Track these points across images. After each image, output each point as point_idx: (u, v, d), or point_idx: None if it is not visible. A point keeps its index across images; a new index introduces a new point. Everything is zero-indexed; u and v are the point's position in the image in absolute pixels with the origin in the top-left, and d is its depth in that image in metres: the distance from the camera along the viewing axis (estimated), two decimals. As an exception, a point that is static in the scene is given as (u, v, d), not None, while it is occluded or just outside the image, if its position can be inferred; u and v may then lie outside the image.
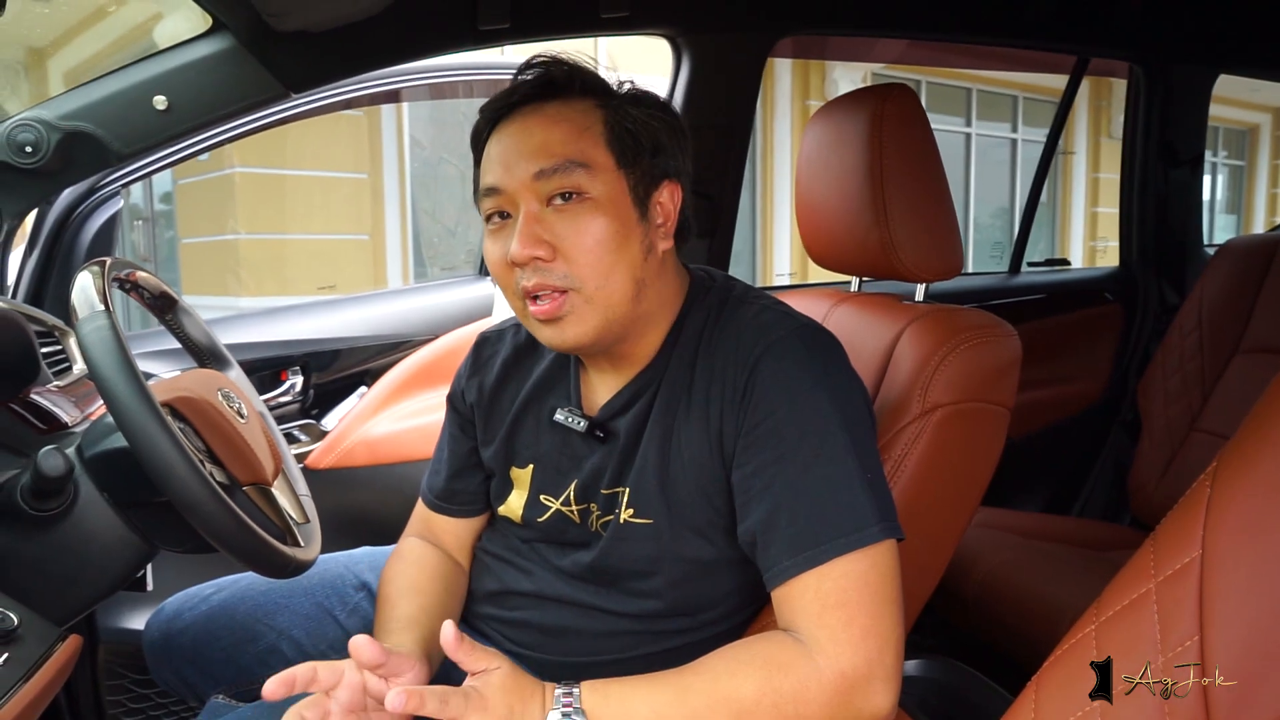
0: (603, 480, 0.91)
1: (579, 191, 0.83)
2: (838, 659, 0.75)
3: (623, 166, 0.86)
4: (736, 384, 0.84)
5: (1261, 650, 0.57)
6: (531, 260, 0.83)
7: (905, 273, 1.11)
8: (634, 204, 0.86)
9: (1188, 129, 2.10)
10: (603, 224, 0.83)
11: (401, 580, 0.98)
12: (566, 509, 0.94)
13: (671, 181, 0.90)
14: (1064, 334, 2.07)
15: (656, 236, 0.89)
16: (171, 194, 6.69)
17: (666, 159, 0.89)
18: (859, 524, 0.77)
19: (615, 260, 0.84)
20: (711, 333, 0.89)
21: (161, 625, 1.11)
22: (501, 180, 0.85)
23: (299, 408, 1.73)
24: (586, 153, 0.84)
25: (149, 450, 0.78)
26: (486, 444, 1.02)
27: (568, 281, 0.83)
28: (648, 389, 0.91)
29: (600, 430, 0.92)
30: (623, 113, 0.87)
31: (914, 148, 1.10)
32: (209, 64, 1.15)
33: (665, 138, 0.89)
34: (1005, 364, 1.02)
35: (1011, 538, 1.63)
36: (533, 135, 0.84)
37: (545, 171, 0.83)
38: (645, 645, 0.90)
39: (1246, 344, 1.73)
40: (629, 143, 0.86)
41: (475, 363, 1.05)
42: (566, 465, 0.95)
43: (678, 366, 0.89)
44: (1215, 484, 0.63)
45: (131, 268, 1.01)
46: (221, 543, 0.82)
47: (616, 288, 0.84)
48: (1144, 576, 0.64)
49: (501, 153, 0.86)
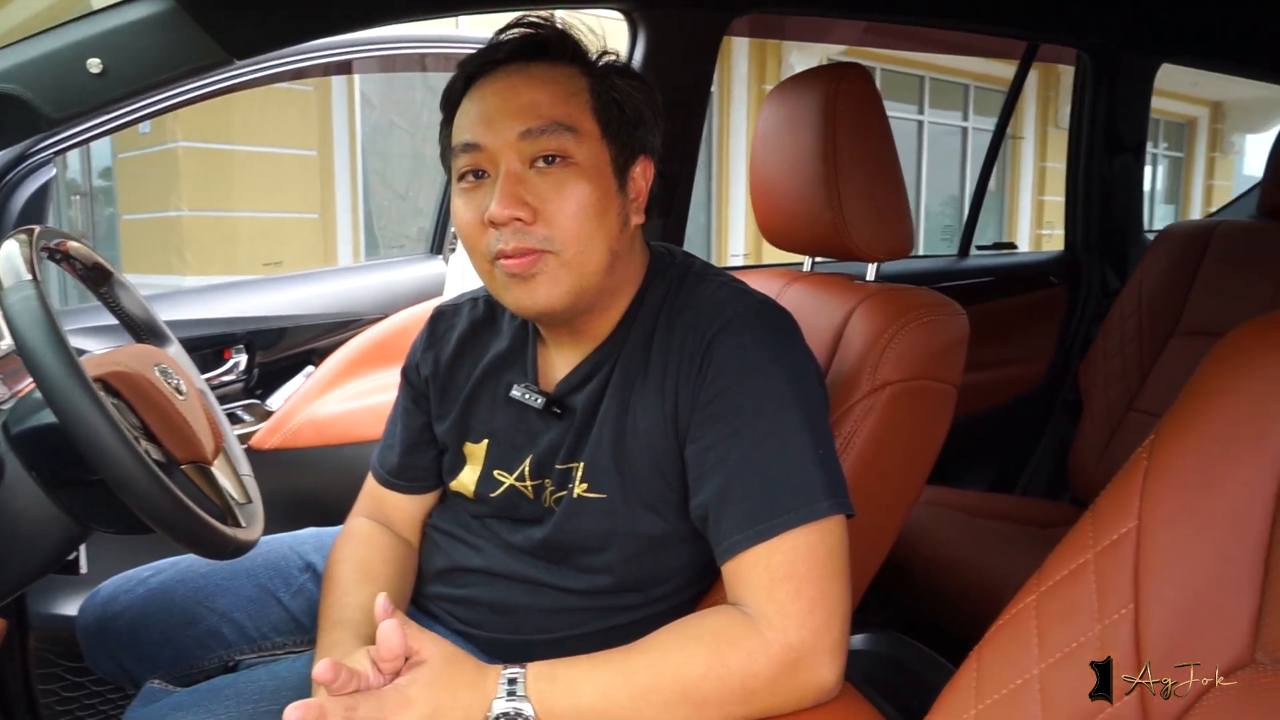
0: (558, 455, 0.91)
1: (564, 155, 0.82)
2: (784, 631, 0.75)
3: (607, 135, 0.85)
4: (693, 359, 0.84)
5: (1193, 617, 0.58)
6: (511, 221, 0.81)
7: (856, 252, 1.11)
8: (614, 174, 0.86)
9: (1131, 117, 2.15)
10: (586, 190, 0.82)
11: (353, 562, 0.96)
12: (520, 484, 0.93)
13: (646, 157, 0.90)
14: (1010, 316, 2.11)
15: (631, 210, 0.88)
16: (111, 169, 6.48)
17: (645, 134, 0.89)
18: (809, 498, 0.78)
19: (595, 227, 0.83)
20: (670, 309, 0.89)
21: (96, 609, 1.08)
22: (482, 137, 0.82)
23: (243, 387, 1.68)
24: (574, 117, 0.83)
25: (80, 426, 0.75)
26: (441, 419, 1.00)
27: (547, 244, 0.82)
28: (605, 364, 0.90)
29: (557, 406, 0.91)
30: (609, 82, 0.86)
31: (867, 128, 1.11)
32: (147, 26, 1.11)
33: (647, 113, 0.88)
34: (953, 342, 1.04)
35: (958, 515, 1.67)
36: (519, 94, 0.82)
37: (532, 131, 0.81)
38: (595, 621, 0.90)
39: (1183, 327, 1.78)
40: (614, 113, 0.85)
41: (431, 336, 1.03)
42: (522, 441, 0.94)
43: (635, 342, 0.89)
44: (1152, 456, 0.64)
45: (62, 237, 0.97)
46: (157, 522, 0.80)
47: (593, 255, 0.83)
48: (1083, 547, 0.66)
49: (483, 110, 0.83)
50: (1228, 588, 0.58)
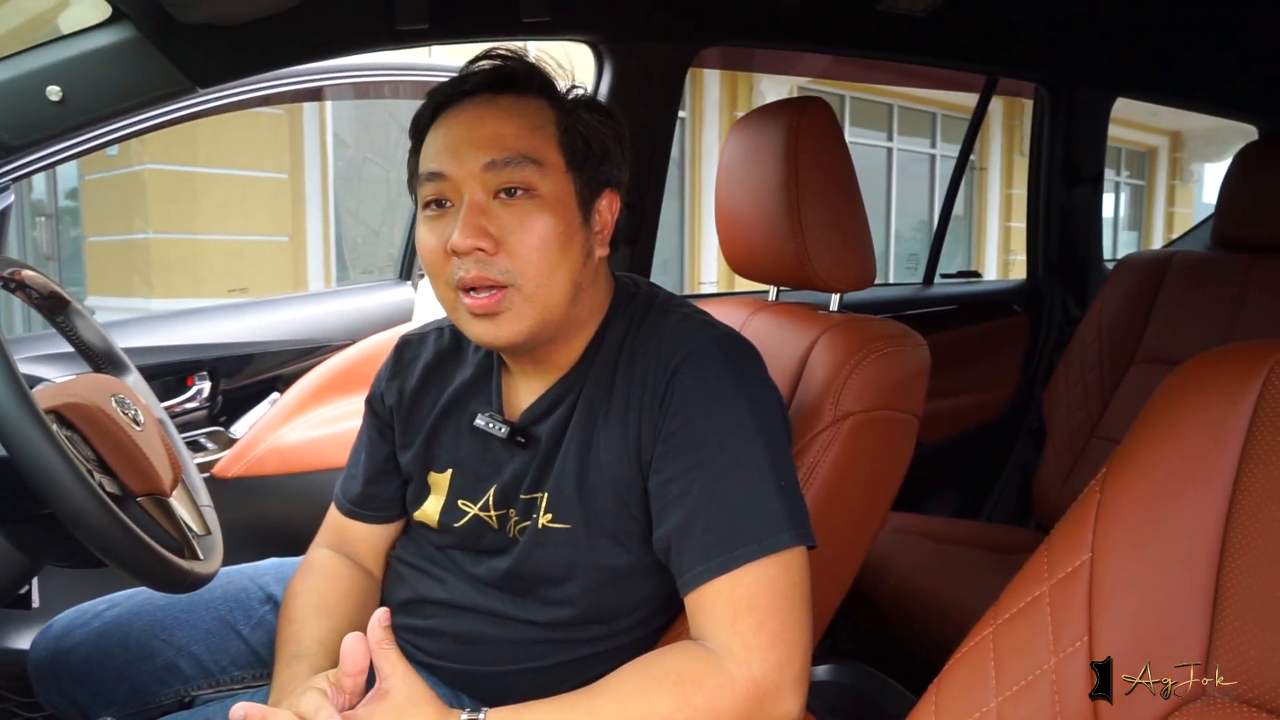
0: (522, 485, 0.91)
1: (528, 187, 0.83)
2: (749, 665, 0.75)
3: (572, 169, 0.85)
4: (655, 390, 0.85)
5: (1145, 649, 0.59)
6: (473, 251, 0.81)
7: (819, 283, 1.13)
8: (579, 207, 0.86)
9: (1089, 149, 2.21)
10: (549, 222, 0.83)
11: (311, 596, 0.95)
12: (485, 514, 0.93)
13: (612, 190, 0.90)
14: (974, 344, 2.14)
15: (595, 242, 0.89)
16: (77, 190, 6.38)
17: (611, 167, 0.89)
18: (771, 530, 0.78)
19: (558, 260, 0.83)
20: (634, 339, 0.89)
21: (49, 644, 1.05)
22: (447, 167, 0.83)
23: (206, 414, 1.66)
24: (539, 149, 0.83)
25: (29, 459, 0.73)
26: (405, 448, 1.00)
27: (508, 276, 0.82)
28: (569, 394, 0.90)
29: (521, 436, 0.91)
30: (575, 116, 0.87)
31: (828, 161, 1.12)
32: (108, 54, 1.10)
33: (613, 146, 0.89)
34: (914, 373, 1.05)
35: (924, 542, 1.68)
36: (485, 125, 0.83)
37: (496, 163, 0.82)
38: (559, 653, 0.89)
39: (1142, 354, 1.82)
40: (580, 146, 0.86)
41: (396, 365, 1.03)
42: (486, 471, 0.93)
43: (599, 372, 0.89)
44: (1104, 489, 0.66)
45: (16, 266, 0.95)
46: (111, 557, 0.78)
47: (556, 288, 0.84)
48: (1038, 579, 0.67)
49: (450, 140, 0.84)
50: (1179, 621, 0.59)
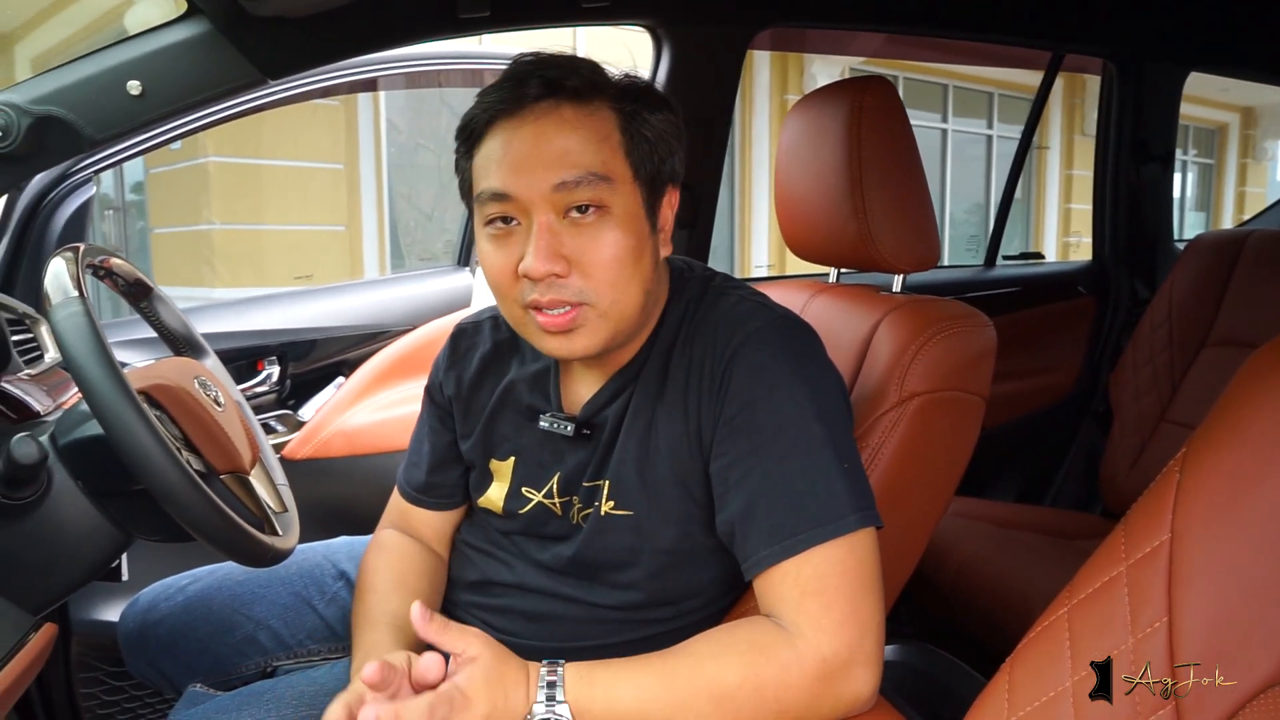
0: (585, 473, 0.91)
1: (600, 204, 0.80)
2: (818, 645, 0.75)
3: (639, 179, 0.83)
4: (714, 375, 0.84)
5: (1228, 630, 0.58)
6: (548, 276, 0.79)
7: (882, 263, 1.12)
8: (647, 216, 0.84)
9: (1159, 126, 2.13)
10: (620, 239, 0.81)
11: (387, 573, 0.97)
12: (549, 501, 0.94)
13: (673, 185, 0.88)
14: (1038, 327, 2.10)
15: (661, 244, 0.88)
16: (143, 184, 6.58)
17: (674, 162, 0.87)
18: (836, 513, 0.78)
19: (631, 275, 0.82)
20: (690, 324, 0.89)
21: (137, 616, 1.10)
22: (513, 187, 0.79)
23: (275, 398, 1.71)
24: (608, 164, 0.80)
25: (125, 437, 0.77)
26: (465, 436, 1.01)
27: (582, 296, 0.81)
28: (629, 384, 0.91)
29: (586, 428, 0.91)
30: (639, 119, 0.83)
31: (892, 140, 1.11)
32: (184, 49, 1.13)
33: (674, 141, 0.87)
34: (981, 353, 1.04)
35: (986, 527, 1.65)
36: (551, 141, 0.79)
37: (567, 184, 0.79)
38: (626, 633, 0.91)
39: (1215, 337, 1.76)
40: (645, 150, 0.83)
41: (453, 354, 1.03)
42: (549, 459, 0.94)
43: (657, 359, 0.89)
44: (1184, 469, 0.64)
45: (105, 254, 0.99)
46: (199, 531, 0.82)
47: (630, 301, 0.83)
48: (1115, 560, 0.66)
49: (513, 157, 0.80)
50: (1262, 601, 0.57)
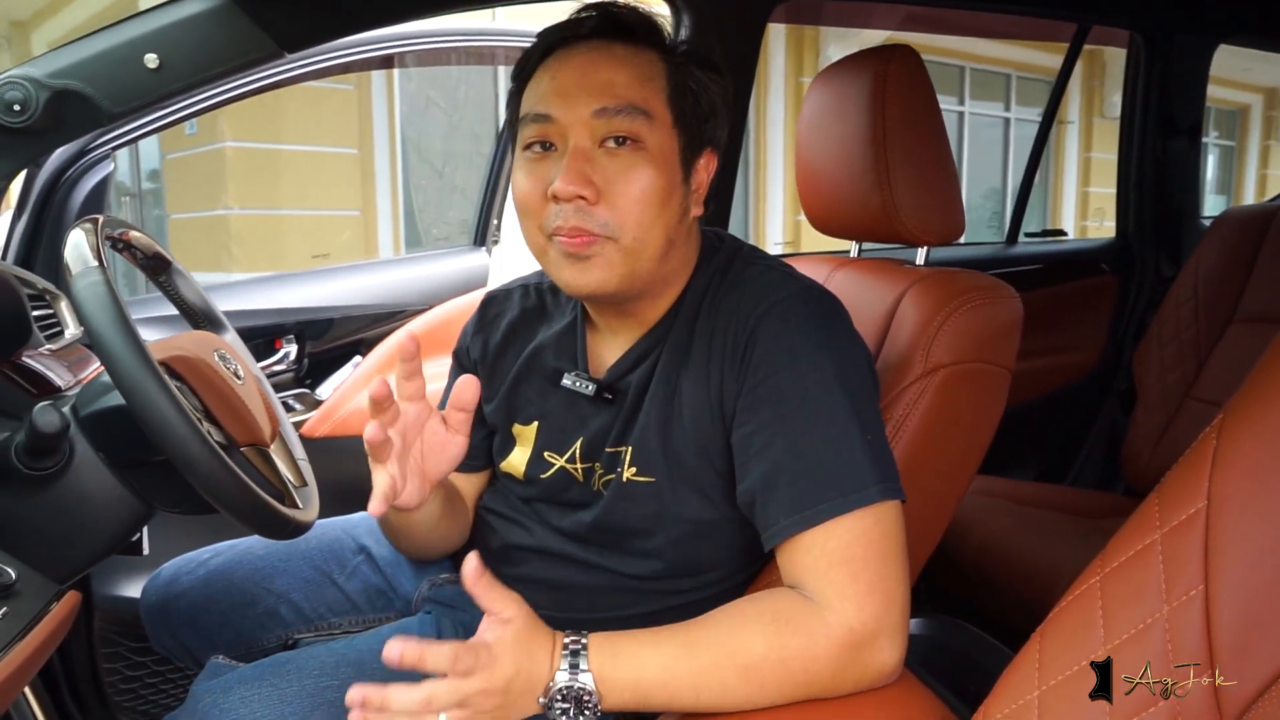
0: (608, 438, 0.91)
1: (635, 138, 0.81)
2: (845, 615, 0.74)
3: (679, 125, 0.84)
4: (737, 343, 0.84)
5: (1266, 599, 0.57)
6: (575, 199, 0.80)
7: (907, 235, 1.10)
8: (681, 164, 0.85)
9: (1186, 99, 2.09)
10: (652, 176, 0.82)
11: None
12: (571, 466, 0.93)
13: (712, 150, 0.89)
14: (1060, 304, 2.07)
15: (692, 201, 0.88)
16: (159, 171, 6.61)
17: (716, 126, 0.88)
18: (858, 484, 0.77)
19: (656, 215, 0.82)
20: (715, 293, 0.88)
21: (159, 590, 1.11)
22: (555, 110, 0.82)
23: (293, 376, 1.72)
24: (649, 101, 0.82)
25: (146, 406, 0.77)
26: (489, 400, 1.01)
27: (605, 229, 0.81)
28: (653, 349, 0.90)
29: (608, 392, 0.91)
30: (687, 71, 0.85)
31: (917, 109, 1.09)
32: (201, 21, 1.13)
33: (719, 104, 0.88)
34: (1007, 325, 1.02)
35: (1008, 505, 1.64)
36: (598, 71, 0.82)
37: (607, 110, 0.80)
38: (649, 603, 0.90)
39: (1242, 313, 1.73)
40: (689, 102, 0.85)
41: (481, 320, 1.04)
42: (572, 424, 0.94)
43: (682, 326, 0.89)
44: (1221, 436, 0.63)
45: (125, 227, 0.99)
46: (220, 501, 0.82)
47: (651, 243, 0.83)
48: (1149, 527, 0.65)
49: (560, 84, 0.82)
50: (1302, 570, 0.56)
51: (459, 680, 0.69)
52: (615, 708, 0.75)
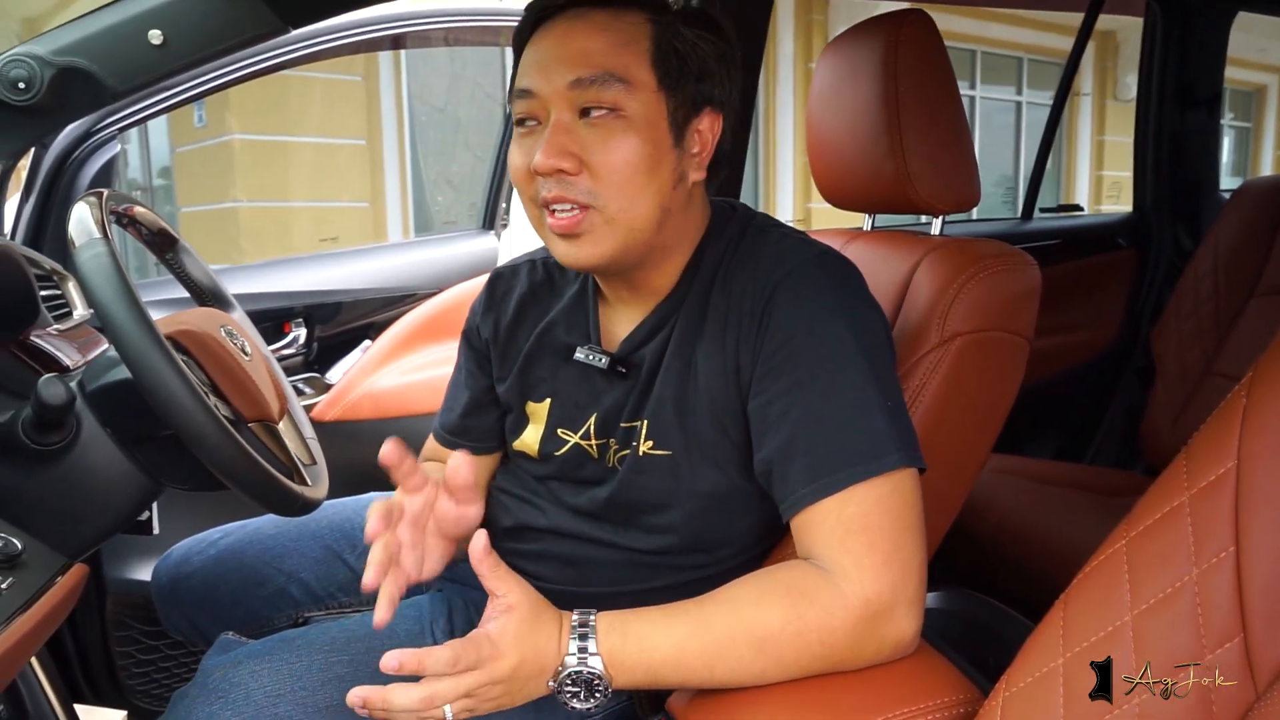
0: (622, 414, 0.89)
1: (614, 107, 0.79)
2: (861, 585, 0.73)
3: (664, 88, 0.81)
4: (754, 312, 0.82)
5: (1299, 558, 0.55)
6: (555, 172, 0.79)
7: (921, 204, 1.08)
8: (670, 129, 0.82)
9: (1205, 67, 2.05)
10: (635, 144, 0.79)
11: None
12: (585, 443, 0.92)
13: (713, 110, 0.85)
14: (1077, 280, 2.04)
15: (689, 166, 0.85)
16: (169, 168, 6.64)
17: (712, 85, 0.84)
18: (878, 451, 0.76)
19: (644, 184, 0.80)
20: (730, 261, 0.87)
21: (170, 570, 1.11)
22: (535, 84, 0.81)
23: (302, 360, 1.71)
24: (628, 68, 0.80)
25: (152, 379, 0.76)
26: (501, 379, 0.99)
27: (590, 198, 0.79)
28: (667, 320, 0.88)
29: (622, 365, 0.90)
30: (673, 30, 0.82)
31: (931, 76, 1.07)
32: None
33: (714, 63, 0.84)
34: (1025, 293, 1.00)
35: (1026, 483, 1.62)
36: (574, 41, 0.80)
37: (582, 81, 0.79)
38: (663, 578, 0.89)
39: (1263, 286, 1.70)
40: (674, 63, 0.81)
41: (490, 299, 1.02)
42: (585, 400, 0.92)
43: (696, 296, 0.87)
44: (1250, 395, 0.61)
45: (130, 202, 0.98)
46: (228, 476, 0.81)
47: (640, 212, 0.81)
48: (1177, 489, 0.63)
49: (539, 57, 0.82)
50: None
51: (461, 675, 0.68)
52: (627, 688, 0.74)
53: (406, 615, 0.92)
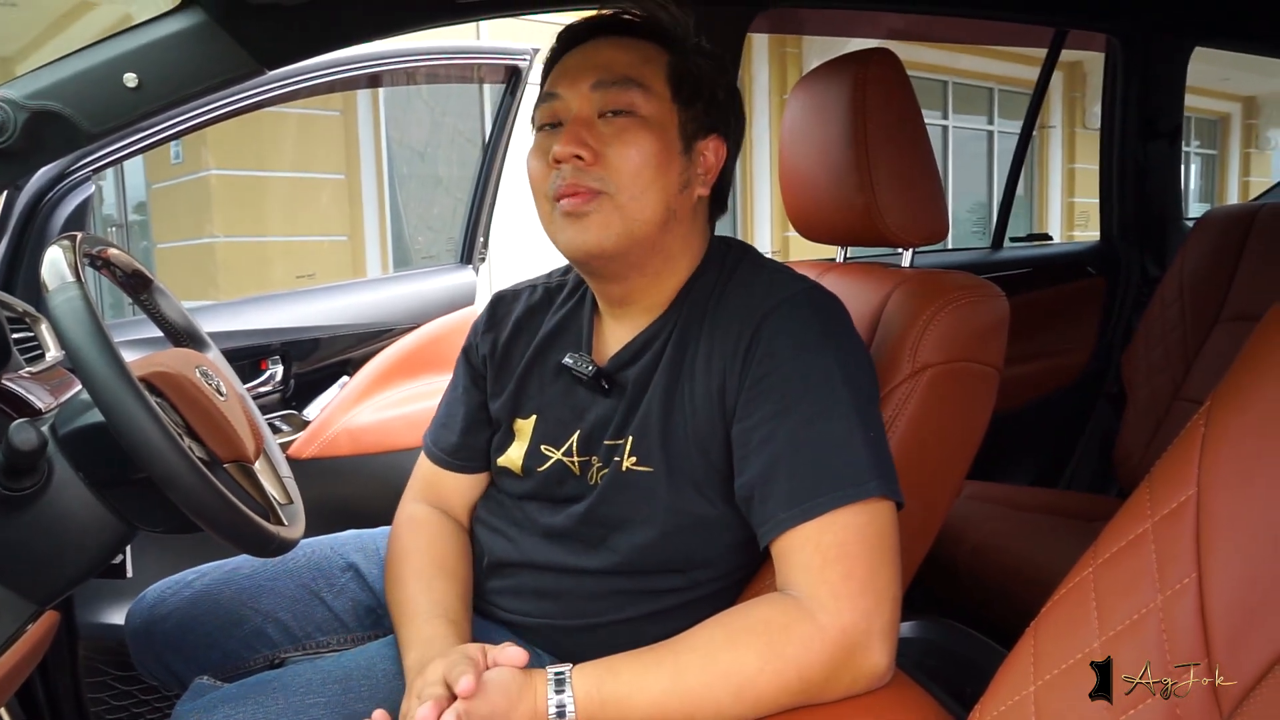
0: (606, 431, 0.91)
1: (631, 109, 0.86)
2: (839, 614, 0.74)
3: (677, 101, 0.88)
4: (742, 338, 0.84)
5: (1259, 583, 0.56)
6: (571, 159, 0.84)
7: (890, 237, 1.10)
8: (680, 137, 0.88)
9: (1165, 101, 2.11)
10: (648, 141, 0.86)
11: (429, 554, 0.97)
12: (568, 459, 0.93)
13: (719, 137, 0.92)
14: (1048, 308, 2.07)
15: (695, 178, 0.90)
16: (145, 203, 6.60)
17: (720, 114, 0.92)
18: (858, 478, 0.77)
19: (653, 178, 0.86)
20: (724, 289, 0.90)
21: (144, 613, 1.09)
22: (560, 87, 0.88)
23: (280, 398, 1.70)
24: (646, 76, 0.87)
25: (125, 422, 0.75)
26: (495, 396, 1.02)
27: (601, 184, 0.85)
28: (657, 339, 0.91)
29: (606, 381, 0.92)
30: (688, 58, 0.90)
31: (897, 111, 1.09)
32: (180, 40, 1.12)
33: (722, 95, 0.92)
34: (994, 324, 1.02)
35: (1002, 509, 1.63)
36: (600, 52, 0.89)
37: (604, 82, 0.86)
38: (638, 604, 0.89)
39: (1227, 313, 1.74)
40: (688, 84, 0.89)
41: (491, 319, 1.05)
42: (569, 416, 0.94)
43: (689, 319, 0.90)
44: (1209, 422, 0.63)
45: (103, 244, 0.98)
46: (203, 518, 0.80)
47: (648, 204, 0.86)
48: (1140, 517, 0.64)
49: (566, 66, 0.90)
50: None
51: None
52: None
53: (385, 655, 0.91)
